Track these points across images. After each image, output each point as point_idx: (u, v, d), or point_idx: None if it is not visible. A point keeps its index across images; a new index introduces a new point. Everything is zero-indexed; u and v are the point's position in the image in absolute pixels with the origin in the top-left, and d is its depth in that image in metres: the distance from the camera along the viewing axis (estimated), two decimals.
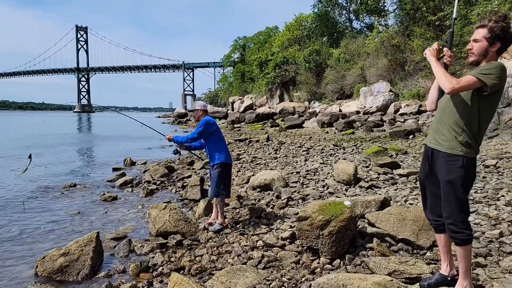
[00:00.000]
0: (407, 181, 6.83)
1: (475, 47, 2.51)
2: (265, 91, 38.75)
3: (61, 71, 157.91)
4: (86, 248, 4.05)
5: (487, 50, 2.47)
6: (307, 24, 38.24)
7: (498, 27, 2.42)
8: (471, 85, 2.34)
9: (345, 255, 3.75)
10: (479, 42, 2.48)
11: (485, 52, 2.48)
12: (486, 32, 2.45)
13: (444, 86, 2.37)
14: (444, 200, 2.51)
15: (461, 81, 2.35)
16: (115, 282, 3.64)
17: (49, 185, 8.80)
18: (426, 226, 3.93)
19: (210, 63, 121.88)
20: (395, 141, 13.20)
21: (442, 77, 2.44)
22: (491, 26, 2.43)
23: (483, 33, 2.47)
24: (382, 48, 24.04)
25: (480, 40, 2.48)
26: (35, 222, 5.91)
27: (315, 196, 6.28)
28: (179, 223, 4.96)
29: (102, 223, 5.85)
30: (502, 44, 2.46)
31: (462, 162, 2.43)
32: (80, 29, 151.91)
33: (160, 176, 8.99)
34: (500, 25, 2.42)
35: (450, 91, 2.36)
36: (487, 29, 2.45)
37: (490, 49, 2.46)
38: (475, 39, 2.51)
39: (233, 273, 3.43)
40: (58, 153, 15.80)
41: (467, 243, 2.46)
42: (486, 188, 5.93)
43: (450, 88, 2.35)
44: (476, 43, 2.50)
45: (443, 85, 2.39)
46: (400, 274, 3.10)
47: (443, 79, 2.42)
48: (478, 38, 2.49)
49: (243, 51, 56.10)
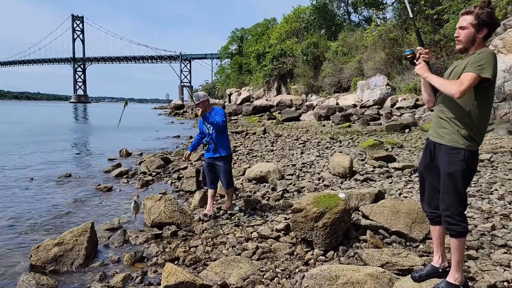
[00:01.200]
0: (402, 174, 6.86)
1: (462, 34, 2.49)
2: (263, 83, 38.66)
3: (57, 61, 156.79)
4: (81, 238, 4.05)
5: (475, 37, 2.45)
6: (305, 16, 38.05)
7: (485, 13, 2.40)
8: (474, 82, 2.33)
9: (339, 247, 3.77)
10: (466, 29, 2.46)
11: (473, 39, 2.46)
12: (473, 19, 2.43)
13: (451, 93, 2.35)
14: (443, 192, 2.52)
15: (464, 82, 2.32)
16: (110, 272, 3.66)
17: (44, 175, 8.77)
18: (419, 219, 3.96)
19: (207, 54, 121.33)
20: (391, 134, 13.23)
21: (443, 85, 2.42)
22: (477, 12, 2.41)
23: (469, 20, 2.45)
24: (380, 41, 23.98)
25: (467, 27, 2.46)
26: (29, 212, 5.89)
27: (311, 188, 6.30)
28: (174, 214, 4.97)
29: (97, 213, 5.85)
30: (488, 30, 2.45)
31: (463, 155, 2.43)
32: (76, 19, 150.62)
33: (156, 168, 8.98)
34: (486, 11, 2.40)
35: (459, 95, 2.33)
36: (474, 15, 2.42)
37: (477, 35, 2.45)
38: (461, 26, 2.49)
39: (227, 263, 3.45)
40: (53, 143, 15.73)
41: (462, 235, 2.48)
42: (480, 182, 5.97)
43: (458, 92, 2.32)
44: (463, 30, 2.48)
45: (449, 93, 2.37)
46: (393, 266, 3.13)
47: (446, 87, 2.40)
48: (465, 25, 2.47)
49: (240, 43, 55.87)
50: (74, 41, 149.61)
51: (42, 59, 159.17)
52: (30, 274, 3.33)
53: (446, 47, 17.77)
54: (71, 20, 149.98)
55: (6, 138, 17.20)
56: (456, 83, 2.36)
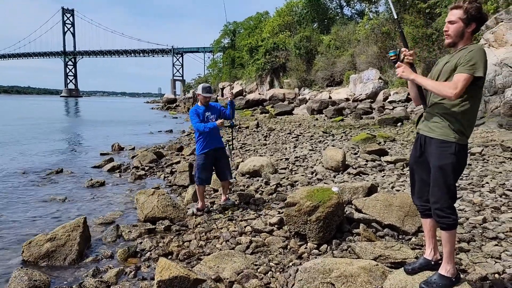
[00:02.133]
0: (395, 168, 6.90)
1: (451, 29, 2.49)
2: (255, 77, 38.55)
3: (47, 55, 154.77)
4: (73, 233, 4.03)
5: (464, 31, 2.46)
6: (297, 10, 37.91)
7: (474, 7, 2.41)
8: (468, 83, 2.34)
9: (332, 241, 3.79)
10: (455, 23, 2.47)
11: (462, 33, 2.47)
12: (462, 13, 2.44)
13: (446, 96, 2.35)
14: (433, 186, 2.53)
15: (457, 84, 2.33)
16: (103, 267, 3.64)
17: (36, 171, 8.68)
18: (411, 212, 3.99)
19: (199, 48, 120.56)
20: (383, 128, 13.30)
21: (436, 88, 2.41)
22: (466, 7, 2.42)
23: (458, 14, 2.45)
24: (372, 35, 24.00)
25: (456, 21, 2.46)
26: (21, 207, 5.84)
27: (304, 182, 6.32)
28: (168, 208, 4.95)
29: (90, 208, 5.81)
30: (477, 25, 2.46)
31: (454, 149, 2.45)
32: (67, 12, 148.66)
33: (148, 162, 8.94)
34: (474, 5, 2.41)
35: (455, 97, 2.34)
36: (463, 10, 2.43)
37: (466, 30, 2.46)
38: (450, 21, 2.49)
39: (221, 258, 3.45)
40: (45, 138, 15.58)
41: (452, 228, 2.50)
42: (471, 175, 6.03)
43: (453, 95, 2.33)
44: (452, 25, 2.48)
45: (443, 95, 2.37)
46: (386, 259, 3.15)
47: (439, 90, 2.39)
48: (454, 20, 2.47)
49: (233, 37, 55.54)
50: (65, 35, 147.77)
51: (32, 53, 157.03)
52: (22, 269, 3.30)
53: (438, 41, 17.83)
54: (62, 13, 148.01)
55: None
56: (451, 85, 2.36)
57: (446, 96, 2.37)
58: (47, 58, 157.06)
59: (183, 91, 77.41)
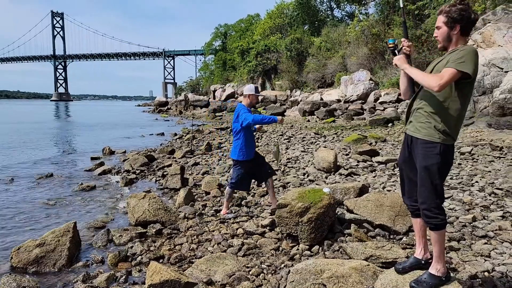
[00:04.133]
0: (386, 168, 6.94)
1: (439, 34, 2.55)
2: (247, 79, 38.53)
3: (36, 58, 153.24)
4: (63, 239, 3.97)
5: (449, 35, 2.51)
6: (288, 12, 38.08)
7: (454, 10, 2.45)
8: (454, 77, 2.36)
9: (324, 241, 3.80)
10: (441, 28, 2.53)
11: (448, 37, 2.52)
12: (444, 18, 2.50)
13: (431, 86, 2.37)
14: (420, 186, 2.55)
15: (443, 76, 2.35)
16: (93, 272, 3.60)
17: (25, 175, 8.57)
18: (402, 212, 4.02)
19: (191, 51, 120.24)
20: (374, 129, 13.38)
21: (423, 78, 2.44)
22: (447, 10, 2.48)
23: (442, 19, 2.51)
24: (362, 36, 24.17)
25: (441, 26, 2.53)
26: (10, 212, 5.75)
27: (296, 183, 6.33)
28: (159, 212, 4.92)
29: (80, 213, 5.75)
30: (462, 26, 2.48)
31: (439, 149, 2.47)
32: (56, 15, 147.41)
33: (139, 165, 8.88)
34: (455, 8, 2.45)
35: (438, 88, 2.36)
36: (445, 15, 2.49)
37: (451, 33, 2.50)
38: (437, 26, 2.56)
39: (212, 261, 3.44)
40: (34, 142, 15.40)
41: (441, 228, 2.52)
42: (461, 174, 6.09)
43: (437, 86, 2.35)
44: (439, 30, 2.55)
45: (428, 86, 2.39)
46: (377, 259, 3.16)
47: (425, 80, 2.42)
48: (439, 25, 2.53)
49: (224, 39, 55.56)
50: (54, 38, 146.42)
51: (21, 57, 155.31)
52: (11, 276, 3.26)
53: (428, 42, 18.02)
54: (51, 16, 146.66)
55: None
56: (436, 77, 2.38)
57: (430, 87, 2.39)
58: (37, 62, 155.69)
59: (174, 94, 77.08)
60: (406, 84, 2.75)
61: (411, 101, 2.70)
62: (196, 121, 24.08)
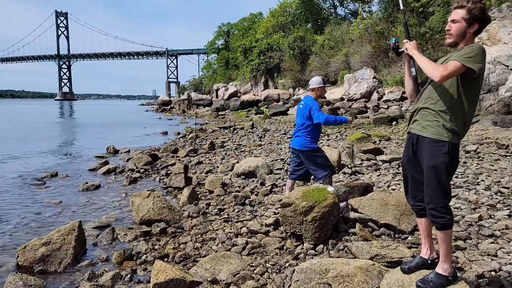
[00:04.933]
0: (390, 167, 6.92)
1: (453, 28, 2.49)
2: (250, 78, 38.55)
3: (41, 58, 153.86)
4: (68, 237, 3.98)
5: (465, 32, 2.46)
6: (291, 10, 38.01)
7: (477, 8, 2.40)
8: (458, 70, 2.33)
9: (328, 241, 3.78)
10: (457, 23, 2.46)
11: (463, 33, 2.47)
12: (465, 13, 2.43)
13: (433, 75, 2.35)
14: (427, 186, 2.52)
15: (448, 67, 2.33)
16: (98, 271, 3.60)
17: (30, 174, 8.61)
18: (407, 211, 3.99)
19: (194, 50, 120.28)
20: (378, 127, 13.34)
21: (428, 66, 2.41)
22: (469, 7, 2.41)
23: (461, 14, 2.44)
24: (366, 34, 24.10)
25: (459, 21, 2.46)
26: (15, 211, 5.78)
27: (299, 182, 6.30)
28: (163, 211, 4.92)
29: (85, 212, 5.77)
30: (479, 26, 2.45)
31: (448, 148, 2.44)
32: (60, 15, 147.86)
33: (143, 164, 8.89)
34: (478, 6, 2.41)
35: (440, 79, 2.33)
36: (466, 10, 2.42)
37: (468, 30, 2.46)
38: (453, 20, 2.49)
39: (217, 260, 3.43)
40: (39, 141, 15.47)
41: (448, 227, 2.49)
42: (466, 173, 6.05)
43: (439, 76, 2.32)
44: (454, 24, 2.48)
45: (431, 74, 2.37)
46: (382, 258, 3.15)
47: (430, 69, 2.39)
48: (457, 19, 2.46)
49: (227, 38, 55.56)
50: (59, 38, 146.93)
51: (26, 57, 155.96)
52: (17, 274, 3.26)
53: (432, 40, 17.93)
54: (55, 16, 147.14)
55: None
56: (441, 67, 2.37)
57: (433, 76, 2.37)
58: (41, 61, 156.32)
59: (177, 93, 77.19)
60: (412, 86, 2.73)
61: (416, 100, 2.67)
62: (199, 120, 24.11)
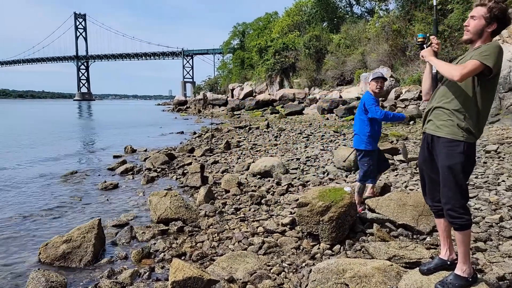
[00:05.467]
0: (408, 167, 6.83)
1: (472, 24, 2.47)
2: (265, 77, 38.48)
3: (60, 59, 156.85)
4: (88, 235, 4.07)
5: (483, 30, 2.44)
6: (307, 9, 37.77)
7: (498, 8, 2.38)
8: (476, 69, 2.32)
9: (345, 241, 3.77)
10: (476, 20, 2.44)
11: (481, 31, 2.44)
12: (485, 11, 2.40)
13: (453, 75, 2.34)
14: (443, 186, 2.50)
15: (467, 66, 2.32)
16: (118, 268, 3.68)
17: (50, 173, 8.81)
18: (426, 212, 3.95)
19: (209, 50, 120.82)
20: (395, 127, 13.16)
21: (446, 68, 2.42)
22: (490, 6, 2.39)
23: (482, 12, 2.42)
24: (383, 33, 23.78)
25: (478, 18, 2.43)
26: (37, 209, 5.93)
27: (315, 182, 6.29)
28: (180, 209, 4.98)
29: (104, 210, 5.88)
30: (498, 26, 2.42)
31: (463, 148, 2.42)
32: (79, 16, 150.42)
33: (160, 164, 9.00)
34: (500, 6, 2.38)
35: (460, 78, 2.32)
36: (487, 8, 2.40)
37: (486, 29, 2.43)
38: (472, 16, 2.46)
39: (234, 258, 3.46)
40: (59, 141, 15.81)
41: (466, 228, 2.46)
42: (486, 173, 5.93)
43: (459, 75, 2.31)
44: (473, 21, 2.46)
45: (450, 75, 2.36)
46: (400, 259, 3.12)
47: (448, 70, 2.39)
48: (476, 16, 2.44)
49: (242, 38, 55.61)
50: (77, 39, 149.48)
51: (46, 58, 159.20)
52: (39, 271, 3.35)
53: (450, 38, 17.60)
54: (74, 18, 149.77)
55: (13, 136, 17.29)
56: (459, 66, 2.36)
57: (452, 76, 2.36)
58: (60, 62, 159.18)
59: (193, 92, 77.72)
60: (429, 85, 2.71)
61: (430, 99, 2.65)
62: (215, 120, 24.23)
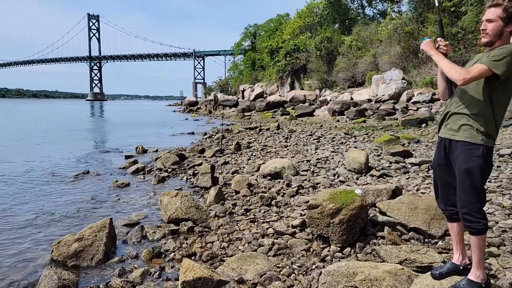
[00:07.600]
0: (419, 170, 6.76)
1: (490, 27, 2.42)
2: (276, 79, 38.49)
3: (73, 60, 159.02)
4: (100, 234, 4.12)
5: (502, 31, 2.39)
6: (318, 11, 37.68)
7: None
8: (482, 74, 2.28)
9: (356, 244, 3.75)
10: (494, 22, 2.39)
11: (500, 32, 2.40)
12: (501, 12, 2.36)
13: (454, 79, 2.32)
14: (460, 189, 2.47)
15: (471, 71, 2.29)
16: (128, 267, 3.71)
17: (63, 172, 8.94)
18: (438, 215, 3.90)
19: (220, 51, 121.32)
20: (407, 129, 13.05)
21: (449, 69, 2.39)
22: (506, 5, 2.34)
23: (497, 13, 2.37)
24: (395, 35, 23.62)
25: (495, 20, 2.39)
26: (49, 207, 6.02)
27: (326, 184, 6.27)
28: (190, 210, 5.01)
29: (115, 209, 5.94)
30: None
31: (482, 151, 2.39)
32: (92, 17, 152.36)
33: (171, 164, 9.06)
34: None
35: (462, 82, 2.30)
36: (502, 8, 2.35)
37: (505, 29, 2.39)
38: (488, 19, 2.42)
39: (243, 259, 3.47)
40: (71, 140, 16.02)
41: (482, 232, 2.43)
42: (500, 177, 5.84)
43: (461, 80, 2.29)
44: (490, 23, 2.41)
45: (452, 78, 2.34)
46: (411, 263, 3.09)
47: (450, 72, 2.37)
48: (493, 18, 2.40)
49: (253, 39, 55.73)
50: (90, 40, 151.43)
51: (59, 58, 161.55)
52: (52, 269, 3.40)
53: (464, 40, 17.39)
54: (87, 19, 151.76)
55: (26, 135, 17.58)
56: (463, 71, 2.33)
57: (453, 79, 2.35)
58: (74, 63, 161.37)
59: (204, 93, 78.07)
60: (444, 84, 2.68)
61: (447, 104, 2.62)
62: (225, 121, 24.30)
